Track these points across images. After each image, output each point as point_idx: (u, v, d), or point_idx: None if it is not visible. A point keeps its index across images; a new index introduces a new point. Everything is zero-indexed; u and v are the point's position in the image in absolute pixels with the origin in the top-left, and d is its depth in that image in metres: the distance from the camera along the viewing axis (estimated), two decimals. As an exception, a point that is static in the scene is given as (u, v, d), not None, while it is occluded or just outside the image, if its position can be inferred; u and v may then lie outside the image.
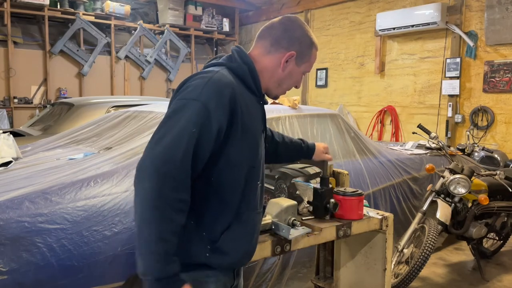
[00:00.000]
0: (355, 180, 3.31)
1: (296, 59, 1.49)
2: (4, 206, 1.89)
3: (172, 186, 1.19)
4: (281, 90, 1.54)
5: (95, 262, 1.92)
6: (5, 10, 7.12)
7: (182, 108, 1.26)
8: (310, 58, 1.53)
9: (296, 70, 1.51)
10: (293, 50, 1.47)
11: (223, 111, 1.28)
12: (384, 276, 2.16)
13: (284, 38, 1.47)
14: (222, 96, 1.29)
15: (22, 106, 7.54)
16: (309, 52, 1.51)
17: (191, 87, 1.31)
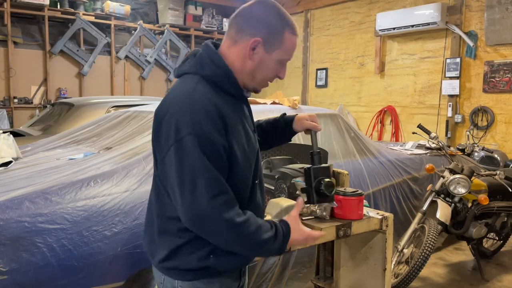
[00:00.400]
0: (355, 180, 3.31)
1: (265, 46, 1.33)
2: (4, 206, 1.89)
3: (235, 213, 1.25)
4: (257, 82, 1.40)
5: (95, 262, 1.92)
6: (5, 10, 7.11)
7: (185, 148, 1.22)
8: (282, 43, 1.35)
9: (268, 58, 1.35)
10: (258, 36, 1.32)
11: (219, 131, 1.25)
12: (384, 276, 2.16)
13: (248, 24, 1.34)
14: (211, 117, 1.24)
15: (22, 106, 7.53)
16: (279, 37, 1.34)
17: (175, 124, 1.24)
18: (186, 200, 1.22)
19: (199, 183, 1.21)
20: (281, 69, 1.41)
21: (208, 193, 1.21)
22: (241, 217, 1.26)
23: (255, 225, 1.28)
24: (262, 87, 1.44)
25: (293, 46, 1.39)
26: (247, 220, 1.27)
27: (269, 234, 1.30)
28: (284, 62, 1.41)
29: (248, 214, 1.29)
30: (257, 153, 1.45)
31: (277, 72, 1.41)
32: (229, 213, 1.23)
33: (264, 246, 1.30)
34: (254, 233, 1.27)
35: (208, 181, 1.22)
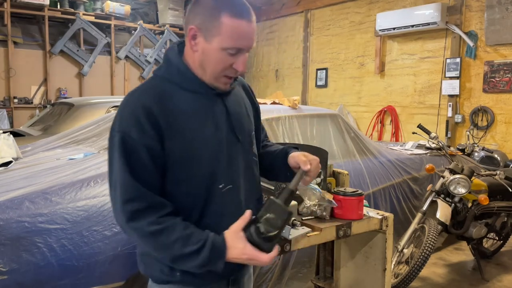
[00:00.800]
0: (355, 180, 3.31)
1: (204, 34, 1.21)
2: (4, 206, 1.89)
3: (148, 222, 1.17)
4: (209, 76, 1.26)
5: (95, 262, 1.92)
6: (5, 10, 7.12)
7: (111, 143, 1.21)
8: (220, 29, 1.19)
9: (209, 47, 1.21)
10: (193, 25, 1.21)
11: (146, 132, 1.17)
12: (384, 276, 2.16)
13: (190, 13, 1.24)
14: (137, 117, 1.17)
15: (22, 106, 7.54)
16: (215, 22, 1.19)
17: (116, 116, 1.24)
18: (112, 200, 1.24)
19: (118, 186, 1.19)
20: (234, 59, 1.24)
21: (121, 198, 1.17)
22: (154, 226, 1.16)
23: (176, 236, 1.16)
24: (222, 83, 1.28)
25: (238, 32, 1.21)
26: (162, 230, 1.16)
27: (193, 247, 1.16)
28: (233, 51, 1.22)
29: (168, 223, 1.17)
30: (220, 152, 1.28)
31: (228, 63, 1.23)
32: (139, 222, 1.16)
33: (186, 260, 1.18)
34: (172, 244, 1.16)
35: (122, 185, 1.17)
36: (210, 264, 1.19)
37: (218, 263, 1.19)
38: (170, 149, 1.20)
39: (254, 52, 9.89)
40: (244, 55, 1.26)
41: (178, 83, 1.26)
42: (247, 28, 1.24)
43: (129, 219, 1.17)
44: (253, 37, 1.28)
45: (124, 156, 1.17)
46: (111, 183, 1.22)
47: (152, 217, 1.17)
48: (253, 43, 1.29)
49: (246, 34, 1.24)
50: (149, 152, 1.18)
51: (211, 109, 1.28)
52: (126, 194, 1.17)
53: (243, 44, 1.24)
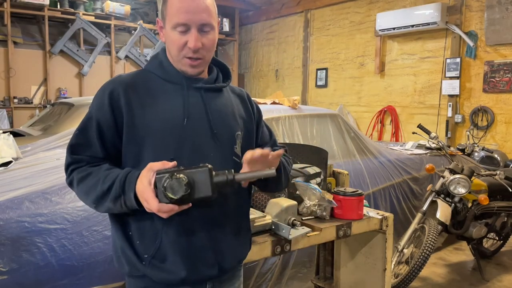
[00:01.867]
0: (355, 180, 3.31)
1: (163, 21, 1.33)
2: (4, 206, 1.89)
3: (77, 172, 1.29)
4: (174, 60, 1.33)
5: (95, 262, 1.92)
6: (5, 10, 7.11)
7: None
8: (167, 10, 1.29)
9: (166, 31, 1.31)
10: (159, 17, 1.37)
11: (101, 110, 1.28)
12: (384, 276, 2.16)
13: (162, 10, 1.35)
14: (101, 97, 1.30)
15: (22, 106, 7.53)
16: (165, 5, 1.31)
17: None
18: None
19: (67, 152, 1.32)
20: (186, 37, 1.27)
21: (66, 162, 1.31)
22: (81, 173, 1.27)
23: (98, 177, 1.24)
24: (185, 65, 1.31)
25: (181, 8, 1.25)
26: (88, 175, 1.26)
27: (108, 183, 1.22)
28: (181, 27, 1.26)
29: (94, 168, 1.27)
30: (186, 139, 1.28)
31: (182, 42, 1.27)
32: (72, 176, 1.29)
33: (104, 197, 1.22)
34: (94, 185, 1.24)
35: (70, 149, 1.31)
36: (122, 196, 1.20)
37: (128, 194, 1.19)
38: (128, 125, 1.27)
39: (254, 52, 9.89)
40: (194, 32, 1.27)
41: (159, 75, 1.35)
42: (190, 2, 1.26)
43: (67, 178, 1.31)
44: (200, 12, 1.26)
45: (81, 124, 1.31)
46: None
47: (82, 168, 1.28)
48: (201, 18, 1.27)
49: (190, 9, 1.26)
50: (99, 124, 1.28)
51: (186, 99, 1.32)
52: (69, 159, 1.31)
53: (187, 18, 1.26)
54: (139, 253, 1.29)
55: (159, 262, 1.28)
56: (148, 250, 1.28)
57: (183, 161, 1.22)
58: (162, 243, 1.27)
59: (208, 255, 1.31)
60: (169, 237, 1.27)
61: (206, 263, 1.31)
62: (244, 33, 10.11)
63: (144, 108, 1.28)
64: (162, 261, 1.28)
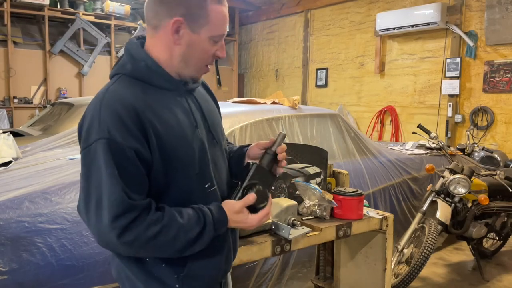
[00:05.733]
0: (355, 180, 3.31)
1: (189, 25, 1.16)
2: (4, 206, 1.89)
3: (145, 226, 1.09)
4: (192, 69, 1.22)
5: (95, 262, 1.92)
6: (5, 10, 7.11)
7: (91, 160, 1.09)
8: (208, 17, 1.16)
9: (197, 38, 1.18)
10: (178, 16, 1.15)
11: (132, 134, 1.09)
12: (384, 276, 2.16)
13: (162, 6, 1.16)
14: (121, 118, 1.08)
15: (22, 106, 7.53)
16: (202, 11, 1.16)
17: (86, 127, 1.12)
18: (92, 221, 1.10)
19: (103, 201, 1.07)
20: (217, 47, 1.22)
21: (110, 214, 1.06)
22: (151, 229, 1.09)
23: (175, 228, 1.12)
24: (202, 73, 1.26)
25: (223, 18, 1.20)
26: (161, 230, 1.10)
27: (195, 231, 1.14)
28: (218, 38, 1.21)
29: (163, 221, 1.11)
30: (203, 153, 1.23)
31: (213, 51, 1.22)
32: (133, 233, 1.08)
33: (194, 244, 1.15)
34: (173, 239, 1.12)
35: (112, 199, 1.06)
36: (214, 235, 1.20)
37: (221, 231, 1.21)
38: (155, 149, 1.12)
39: (254, 52, 9.89)
40: (223, 42, 1.24)
41: (148, 81, 1.18)
42: (226, 13, 1.22)
43: (121, 234, 1.07)
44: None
45: (115, 164, 1.06)
46: (89, 199, 1.09)
47: (145, 221, 1.09)
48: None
49: (227, 20, 1.22)
50: (138, 155, 1.09)
51: (183, 104, 1.22)
52: (117, 209, 1.06)
53: (226, 29, 1.23)
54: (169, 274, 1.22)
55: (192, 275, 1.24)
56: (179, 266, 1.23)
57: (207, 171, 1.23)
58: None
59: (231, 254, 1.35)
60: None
61: (229, 261, 1.35)
62: (244, 33, 10.11)
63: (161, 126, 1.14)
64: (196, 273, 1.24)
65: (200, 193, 1.23)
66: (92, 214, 1.09)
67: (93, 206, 1.09)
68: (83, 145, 1.12)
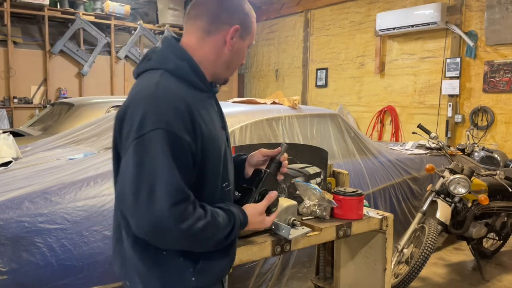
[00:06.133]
0: (355, 180, 3.31)
1: (241, 33, 1.30)
2: (4, 206, 1.89)
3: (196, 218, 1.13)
4: (230, 72, 1.35)
5: (95, 262, 1.92)
6: (5, 10, 7.12)
7: (146, 148, 1.10)
8: (252, 28, 1.35)
9: (242, 45, 1.32)
10: (237, 24, 1.28)
11: (186, 126, 1.14)
12: (384, 276, 2.16)
13: (223, 12, 1.27)
14: (179, 111, 1.13)
15: (22, 106, 7.54)
16: (250, 23, 1.33)
17: (139, 118, 1.12)
18: (141, 208, 1.08)
19: (158, 188, 1.08)
20: (246, 55, 1.39)
21: (168, 201, 1.07)
22: (200, 221, 1.13)
23: (215, 226, 1.18)
24: (229, 75, 1.38)
25: (255, 26, 1.39)
26: (207, 224, 1.15)
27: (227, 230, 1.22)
28: (251, 46, 1.39)
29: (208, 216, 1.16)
30: (225, 154, 1.30)
31: (244, 58, 1.37)
32: (189, 221, 1.10)
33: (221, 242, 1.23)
34: (213, 235, 1.18)
35: (170, 186, 1.08)
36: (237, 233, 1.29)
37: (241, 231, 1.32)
38: (199, 146, 1.18)
39: (254, 52, 9.89)
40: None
41: (187, 80, 1.23)
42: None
43: (179, 221, 1.08)
44: None
45: (172, 154, 1.10)
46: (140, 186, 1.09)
47: (195, 214, 1.13)
48: None
49: None
50: (190, 149, 1.15)
51: (212, 106, 1.31)
52: (177, 195, 1.09)
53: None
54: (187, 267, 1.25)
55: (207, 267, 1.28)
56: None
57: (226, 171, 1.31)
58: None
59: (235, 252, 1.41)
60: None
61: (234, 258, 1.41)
62: (244, 33, 10.09)
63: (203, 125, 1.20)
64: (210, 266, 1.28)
65: (220, 192, 1.29)
66: (142, 201, 1.08)
67: (144, 193, 1.08)
68: (135, 134, 1.12)
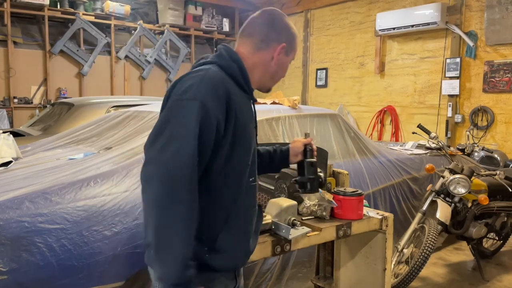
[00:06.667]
0: (355, 180, 3.31)
1: (286, 50, 1.53)
2: (4, 206, 1.89)
3: (188, 189, 1.21)
4: (273, 82, 1.58)
5: (95, 262, 1.92)
6: (5, 10, 7.11)
7: (180, 109, 1.27)
8: (295, 47, 1.58)
9: (286, 60, 1.56)
10: (283, 42, 1.51)
11: (220, 107, 1.30)
12: (384, 276, 2.16)
13: (272, 32, 1.50)
14: (217, 93, 1.30)
15: (22, 106, 7.53)
16: (294, 41, 1.56)
17: (185, 87, 1.31)
18: (153, 150, 1.23)
19: (174, 144, 1.21)
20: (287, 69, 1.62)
21: (174, 159, 1.20)
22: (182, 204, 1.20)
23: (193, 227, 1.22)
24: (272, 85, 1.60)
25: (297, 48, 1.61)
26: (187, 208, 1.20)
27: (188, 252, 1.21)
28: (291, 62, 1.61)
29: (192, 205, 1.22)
30: (254, 151, 1.47)
31: (285, 72, 1.61)
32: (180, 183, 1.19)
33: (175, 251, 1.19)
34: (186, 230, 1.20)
35: (184, 150, 1.21)
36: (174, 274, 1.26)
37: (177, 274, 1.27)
38: (230, 130, 1.33)
39: (254, 52, 9.88)
40: None
41: (236, 78, 1.42)
42: None
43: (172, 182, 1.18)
44: None
45: (198, 126, 1.23)
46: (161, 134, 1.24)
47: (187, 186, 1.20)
48: None
49: None
50: (218, 126, 1.29)
51: (251, 110, 1.51)
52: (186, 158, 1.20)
53: None
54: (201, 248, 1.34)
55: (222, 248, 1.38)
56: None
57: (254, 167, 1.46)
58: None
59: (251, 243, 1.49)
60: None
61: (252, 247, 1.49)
62: (244, 33, 10.09)
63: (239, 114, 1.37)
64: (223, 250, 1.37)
65: (245, 185, 1.42)
66: (158, 145, 1.23)
67: (162, 142, 1.23)
68: (176, 97, 1.30)
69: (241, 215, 1.42)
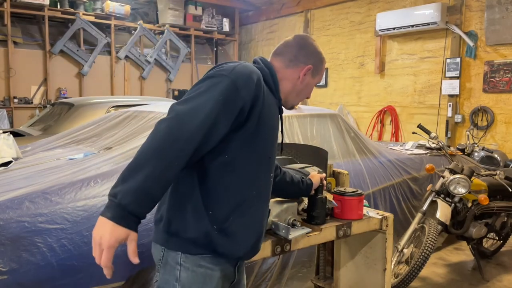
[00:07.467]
0: (355, 180, 3.31)
1: (313, 72, 1.64)
2: (4, 206, 1.89)
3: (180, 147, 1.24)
4: (298, 100, 1.69)
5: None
6: (5, 10, 7.12)
7: (212, 81, 1.35)
8: (322, 70, 1.69)
9: (312, 81, 1.66)
10: (310, 64, 1.62)
11: (249, 91, 1.36)
12: (384, 276, 2.16)
13: (301, 54, 1.62)
14: (250, 78, 1.37)
15: (22, 106, 7.54)
16: (321, 65, 1.68)
17: (221, 67, 1.39)
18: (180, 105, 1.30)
19: (200, 108, 1.28)
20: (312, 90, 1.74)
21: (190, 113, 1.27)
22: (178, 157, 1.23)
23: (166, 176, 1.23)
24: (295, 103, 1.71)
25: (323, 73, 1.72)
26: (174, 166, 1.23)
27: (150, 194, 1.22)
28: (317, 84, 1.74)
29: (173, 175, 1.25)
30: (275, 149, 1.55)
31: (310, 93, 1.72)
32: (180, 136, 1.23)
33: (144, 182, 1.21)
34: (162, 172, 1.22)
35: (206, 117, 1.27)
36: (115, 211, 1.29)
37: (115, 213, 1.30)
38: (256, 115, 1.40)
39: (254, 52, 9.89)
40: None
41: (267, 81, 1.51)
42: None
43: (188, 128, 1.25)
44: None
45: (222, 101, 1.30)
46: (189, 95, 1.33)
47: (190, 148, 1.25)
48: None
49: None
50: (244, 105, 1.35)
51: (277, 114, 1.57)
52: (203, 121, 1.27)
53: None
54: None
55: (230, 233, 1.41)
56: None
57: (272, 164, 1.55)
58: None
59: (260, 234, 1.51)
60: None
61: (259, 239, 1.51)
62: (244, 33, 10.11)
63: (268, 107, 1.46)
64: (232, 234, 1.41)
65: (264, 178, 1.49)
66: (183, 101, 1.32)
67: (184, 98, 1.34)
68: (212, 73, 1.39)
69: (256, 207, 1.46)
